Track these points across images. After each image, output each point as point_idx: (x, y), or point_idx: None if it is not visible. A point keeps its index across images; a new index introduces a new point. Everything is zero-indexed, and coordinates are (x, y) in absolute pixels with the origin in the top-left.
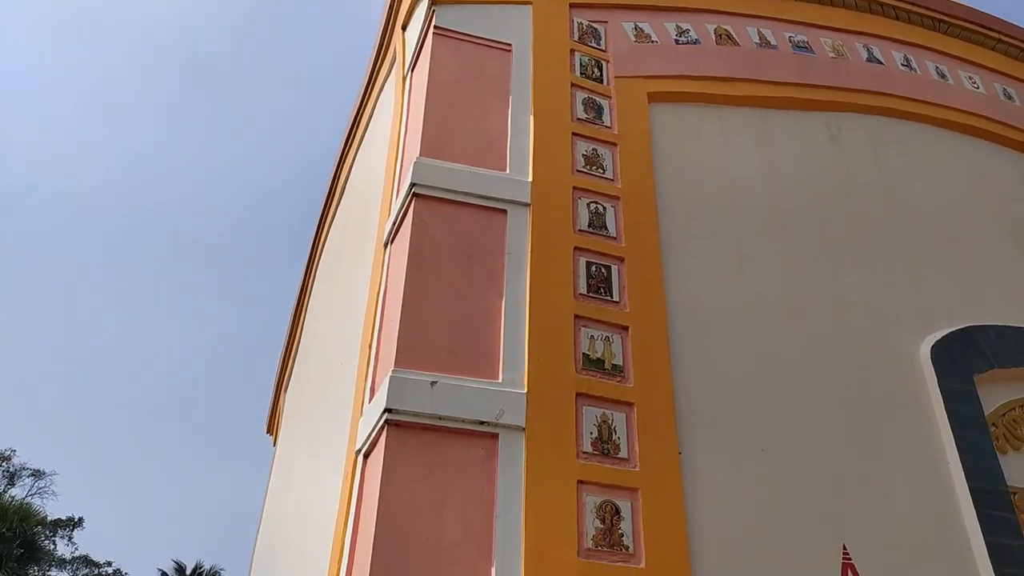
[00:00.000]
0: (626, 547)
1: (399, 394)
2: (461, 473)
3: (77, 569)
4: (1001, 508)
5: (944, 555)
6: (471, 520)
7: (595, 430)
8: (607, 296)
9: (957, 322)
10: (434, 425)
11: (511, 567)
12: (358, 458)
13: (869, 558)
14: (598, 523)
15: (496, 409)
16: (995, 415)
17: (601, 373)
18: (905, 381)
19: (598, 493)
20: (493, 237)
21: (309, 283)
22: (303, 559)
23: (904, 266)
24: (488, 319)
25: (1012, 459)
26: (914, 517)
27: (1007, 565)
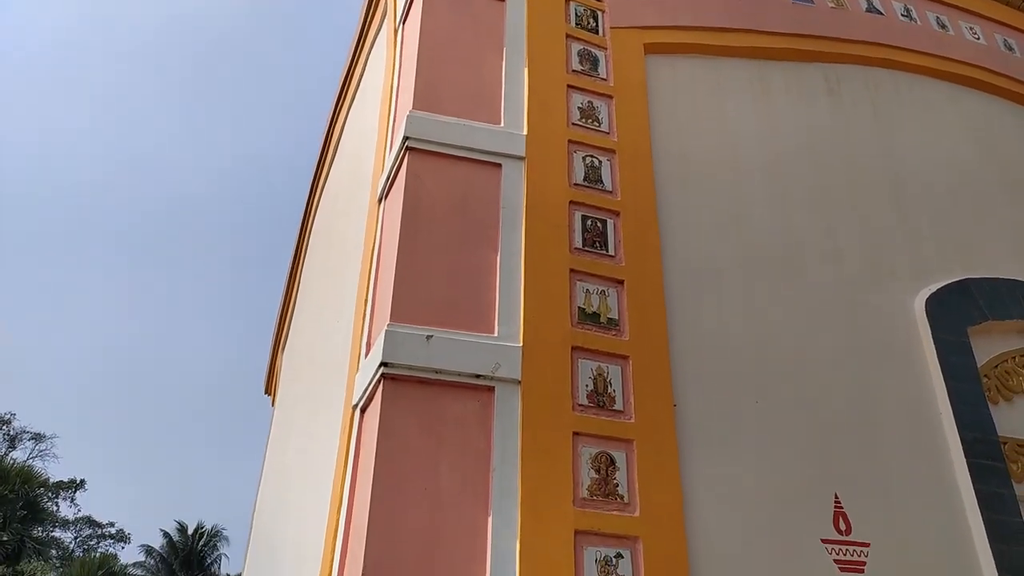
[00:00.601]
0: (621, 497)
1: (395, 348)
2: (457, 426)
3: (80, 530)
4: (991, 457)
5: (935, 502)
6: (467, 472)
7: (590, 383)
8: (602, 250)
9: (952, 275)
10: (430, 379)
11: (508, 517)
12: (355, 412)
13: (861, 506)
14: (593, 474)
15: (492, 363)
16: (988, 367)
17: (596, 327)
18: (899, 333)
19: (593, 444)
20: (488, 191)
21: (304, 243)
22: (302, 515)
23: (900, 219)
24: (483, 273)
25: (1003, 409)
26: (906, 466)
27: (996, 512)
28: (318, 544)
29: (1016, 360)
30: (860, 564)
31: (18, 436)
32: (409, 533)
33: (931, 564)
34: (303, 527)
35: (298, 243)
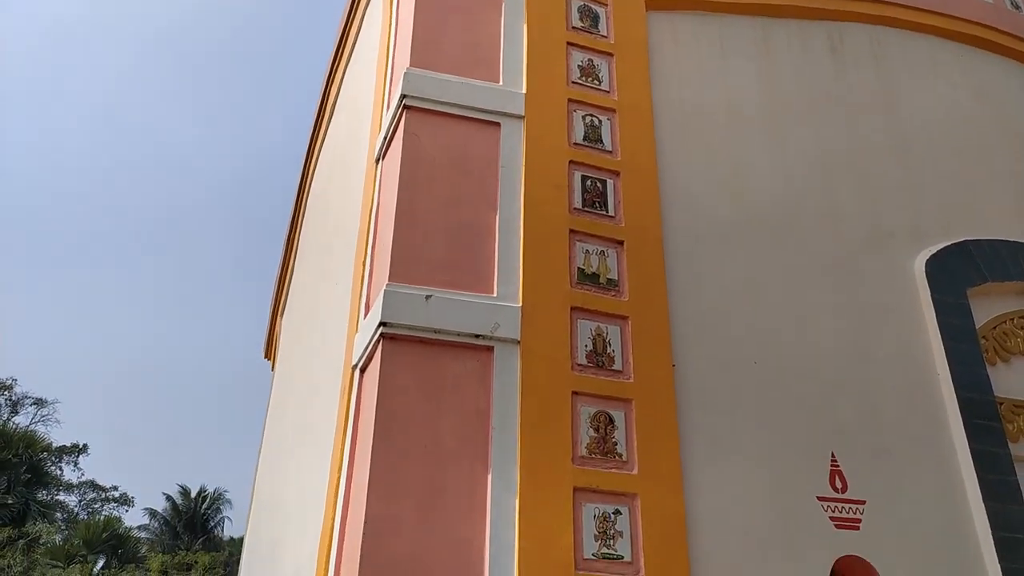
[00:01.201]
0: (619, 455)
1: (394, 308)
2: (457, 385)
3: (84, 493)
4: (988, 417)
5: (930, 461)
6: (467, 430)
7: (590, 343)
8: (602, 211)
9: (953, 236)
10: (429, 338)
11: (507, 474)
12: (354, 373)
13: (857, 465)
14: (592, 432)
15: (491, 323)
16: (986, 328)
17: (596, 287)
18: (899, 294)
19: (592, 404)
20: (486, 151)
21: (302, 206)
22: (303, 476)
23: (902, 179)
24: (482, 233)
25: (1001, 370)
26: (903, 425)
27: (991, 471)
28: (319, 503)
29: (1015, 321)
30: (855, 521)
31: (20, 401)
32: (409, 490)
33: (926, 522)
34: (304, 487)
35: (296, 207)
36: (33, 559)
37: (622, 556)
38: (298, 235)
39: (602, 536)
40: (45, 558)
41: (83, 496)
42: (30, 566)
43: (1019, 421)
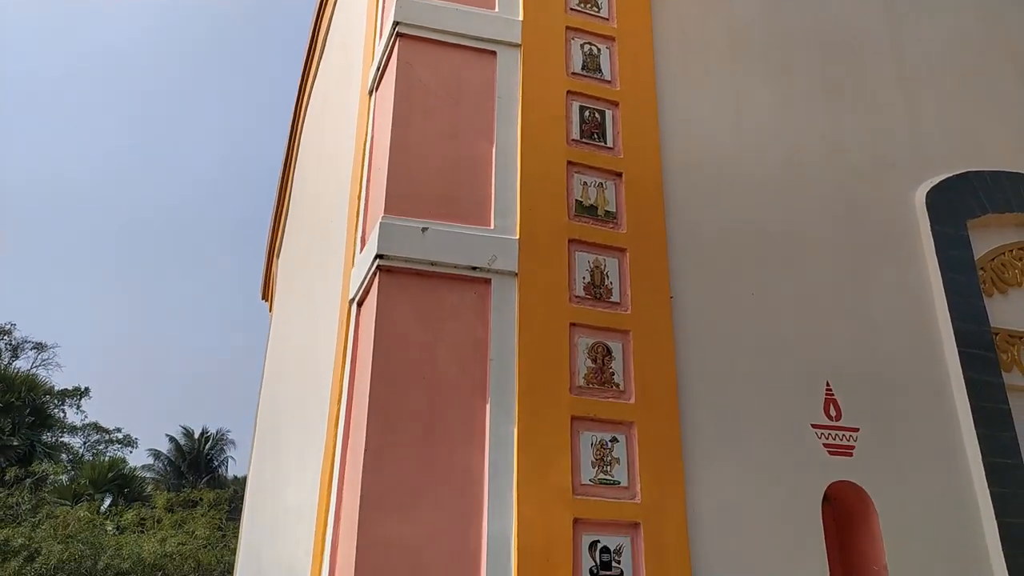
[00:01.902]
0: (617, 385)
1: (390, 240)
2: (454, 317)
3: (88, 435)
4: (983, 347)
5: (925, 390)
6: (465, 362)
7: (587, 275)
8: (600, 142)
9: (955, 167)
10: (426, 271)
11: (505, 404)
12: (351, 307)
13: (852, 394)
14: (589, 363)
15: (488, 255)
16: (984, 259)
17: (594, 219)
18: (899, 225)
19: (589, 335)
20: (482, 80)
21: (295, 144)
22: (303, 412)
23: (905, 108)
24: (478, 165)
25: (997, 301)
26: (899, 354)
27: (984, 400)
28: (320, 435)
29: (1013, 253)
30: (849, 448)
31: (20, 346)
32: (409, 419)
33: (918, 448)
34: (305, 423)
35: (289, 145)
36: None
37: (619, 481)
38: (292, 174)
39: (599, 463)
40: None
41: (87, 438)
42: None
43: (1013, 351)
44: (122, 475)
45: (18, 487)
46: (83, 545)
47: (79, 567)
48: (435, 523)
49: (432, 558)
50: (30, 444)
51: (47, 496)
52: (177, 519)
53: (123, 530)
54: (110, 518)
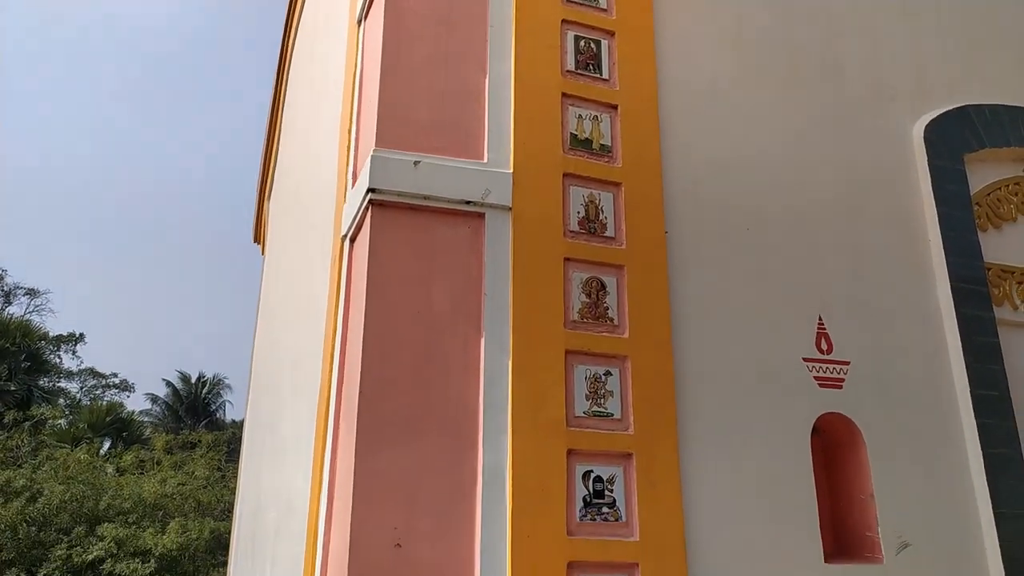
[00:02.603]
0: (611, 319)
1: (381, 173)
2: (448, 251)
3: (85, 380)
4: (975, 282)
5: (916, 324)
6: (460, 296)
7: (582, 210)
8: (596, 73)
9: (955, 99)
10: (419, 205)
11: (500, 338)
12: (344, 243)
13: (844, 327)
14: (584, 298)
15: (482, 189)
16: (980, 194)
17: (589, 153)
18: (896, 159)
19: (584, 270)
20: (474, 8)
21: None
22: (298, 352)
23: (906, 37)
24: (471, 97)
25: (991, 236)
26: (891, 289)
27: (975, 333)
28: (315, 372)
29: (1009, 188)
30: (839, 380)
31: (12, 292)
32: (403, 354)
33: (907, 381)
34: (299, 360)
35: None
36: (40, 440)
37: (612, 414)
38: (281, 114)
39: (593, 395)
40: (52, 439)
41: (84, 383)
42: (38, 447)
43: (1005, 286)
44: (120, 419)
45: (17, 430)
46: (84, 486)
47: (81, 507)
48: (430, 455)
49: (427, 488)
50: (27, 389)
51: (46, 439)
52: (176, 460)
53: (123, 472)
54: (110, 460)
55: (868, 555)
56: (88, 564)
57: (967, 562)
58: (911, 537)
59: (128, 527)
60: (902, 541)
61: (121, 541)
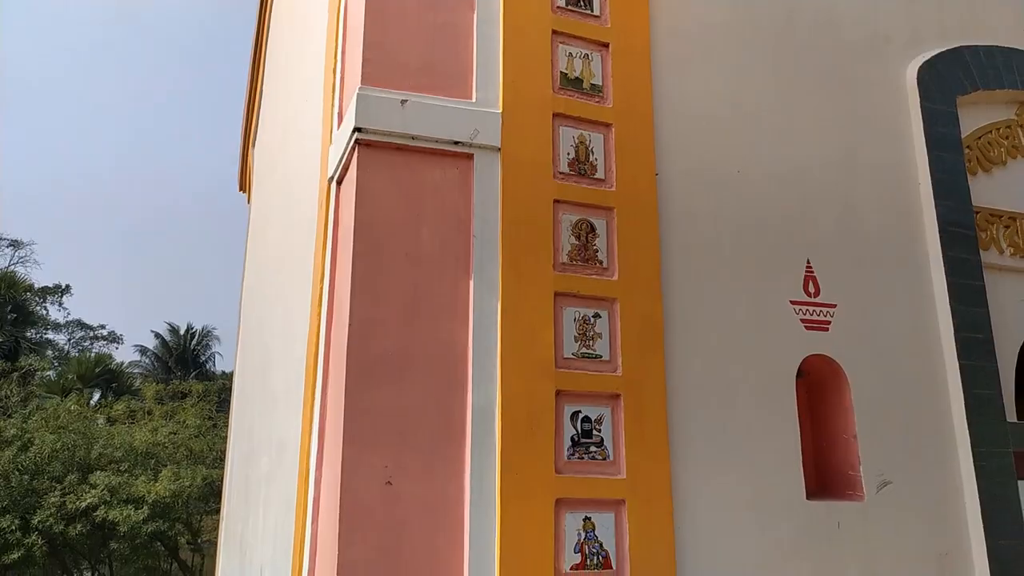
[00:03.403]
0: (600, 262)
1: (368, 112)
2: (437, 193)
3: (73, 332)
4: (963, 226)
5: (904, 267)
6: (448, 238)
7: (572, 151)
8: (587, 9)
9: (949, 42)
10: (406, 145)
11: (489, 279)
12: (331, 186)
13: (832, 270)
14: (573, 240)
15: (470, 129)
16: (971, 137)
17: (579, 93)
18: (889, 102)
19: (573, 212)
20: None
21: (264, 29)
22: (286, 297)
23: None
24: (459, 35)
25: (981, 180)
26: (880, 232)
27: (961, 276)
28: (304, 318)
29: (1000, 131)
30: (825, 323)
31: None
32: (392, 295)
33: (893, 323)
34: (288, 306)
35: (259, 26)
36: (29, 391)
37: (600, 356)
38: (263, 61)
39: (582, 337)
40: (41, 390)
41: (71, 335)
42: (27, 397)
43: (992, 230)
44: (109, 370)
45: (6, 380)
46: (75, 435)
47: (72, 456)
48: (420, 395)
49: (418, 428)
50: (15, 340)
51: (35, 390)
52: (167, 410)
53: (114, 422)
54: (100, 411)
55: (849, 493)
56: (82, 511)
57: (945, 499)
58: (892, 475)
59: (120, 475)
60: (883, 479)
61: (114, 489)
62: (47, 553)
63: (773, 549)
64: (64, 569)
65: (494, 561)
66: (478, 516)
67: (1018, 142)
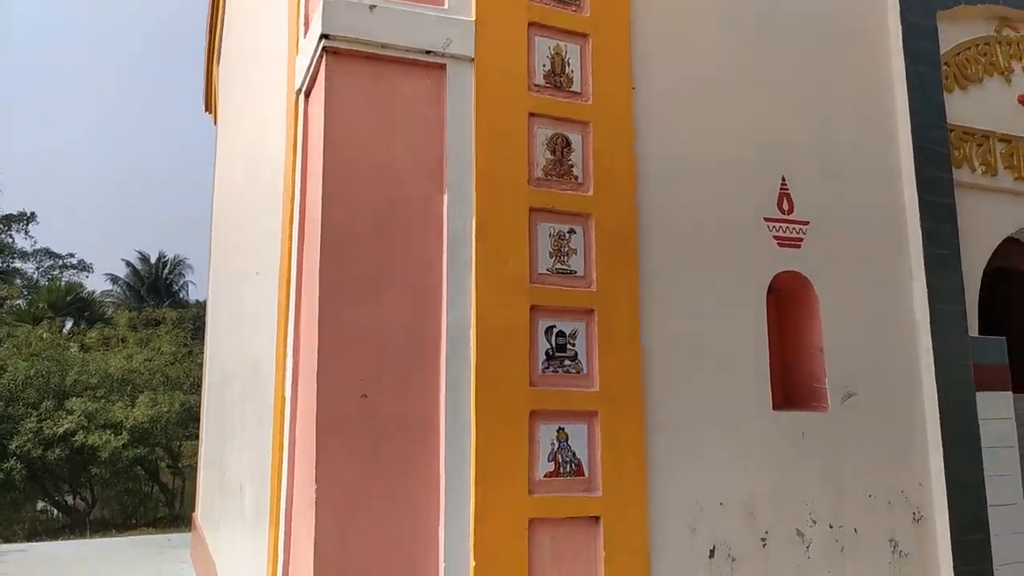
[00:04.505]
0: (575, 177)
1: (335, 18)
2: (408, 104)
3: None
4: (937, 143)
5: (877, 184)
6: (421, 151)
7: (547, 62)
8: None
9: None
10: (376, 54)
11: (463, 193)
12: (299, 98)
13: (806, 187)
14: (548, 154)
15: (443, 38)
16: (950, 54)
17: (555, 1)
18: (868, 16)
19: (549, 126)
20: None
21: None
22: (256, 217)
23: None
24: None
25: (957, 97)
26: (854, 148)
27: (932, 194)
28: (275, 237)
29: (978, 48)
30: (797, 240)
31: None
32: (364, 211)
33: (863, 240)
34: (258, 227)
35: None
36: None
37: (575, 271)
38: None
39: (556, 253)
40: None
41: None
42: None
43: (965, 148)
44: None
45: None
46: (49, 362)
47: (47, 382)
48: (395, 311)
49: (393, 343)
50: None
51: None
52: (141, 337)
53: (88, 349)
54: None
55: (815, 404)
56: (59, 436)
57: (906, 408)
58: (856, 387)
59: (97, 401)
60: (847, 391)
61: (91, 415)
62: (26, 477)
63: (739, 457)
64: (45, 493)
65: (470, 470)
66: (454, 428)
67: (996, 60)
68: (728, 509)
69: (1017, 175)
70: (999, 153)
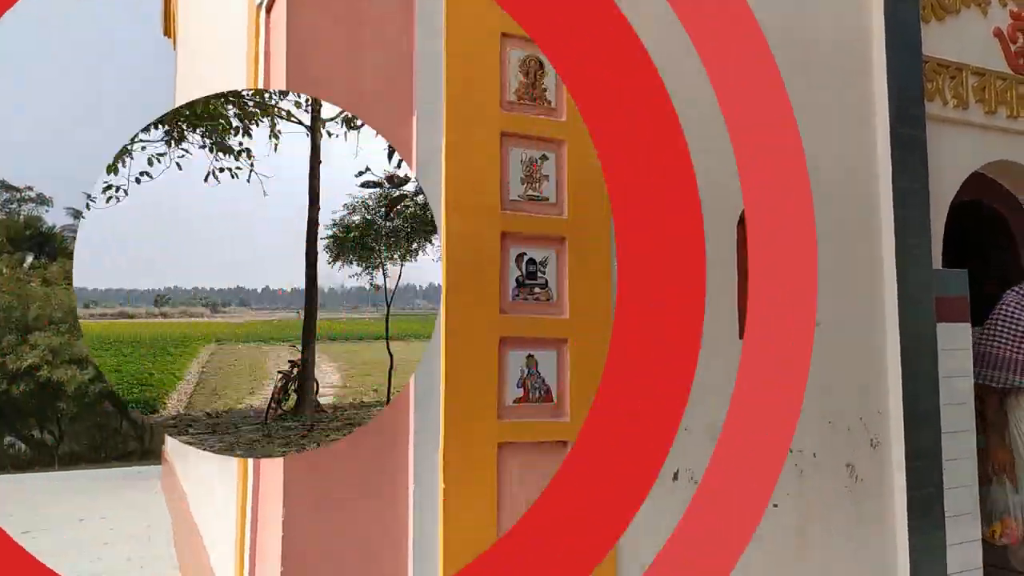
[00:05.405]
0: (548, 101)
1: None
2: (375, 22)
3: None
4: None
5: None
6: (390, 73)
7: None
8: None
9: None
10: None
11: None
12: (259, 13)
13: None
14: (521, 77)
15: None
16: None
17: None
18: None
19: (522, 47)
20: None
21: None
22: None
23: None
24: None
25: (933, 28)
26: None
27: (904, 125)
28: None
29: None
30: None
31: None
32: None
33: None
34: None
35: None
36: None
37: (547, 198)
38: None
39: (528, 179)
40: None
41: None
42: None
43: (939, 80)
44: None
45: None
46: (9, 296)
47: (9, 317)
48: None
49: None
50: None
51: None
52: None
53: (50, 284)
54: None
55: None
56: (24, 370)
57: (870, 340)
58: (821, 315)
59: (61, 335)
60: None
61: (56, 350)
62: None
63: (706, 382)
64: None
65: (439, 394)
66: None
67: None
68: (692, 433)
69: (988, 109)
70: (971, 86)
